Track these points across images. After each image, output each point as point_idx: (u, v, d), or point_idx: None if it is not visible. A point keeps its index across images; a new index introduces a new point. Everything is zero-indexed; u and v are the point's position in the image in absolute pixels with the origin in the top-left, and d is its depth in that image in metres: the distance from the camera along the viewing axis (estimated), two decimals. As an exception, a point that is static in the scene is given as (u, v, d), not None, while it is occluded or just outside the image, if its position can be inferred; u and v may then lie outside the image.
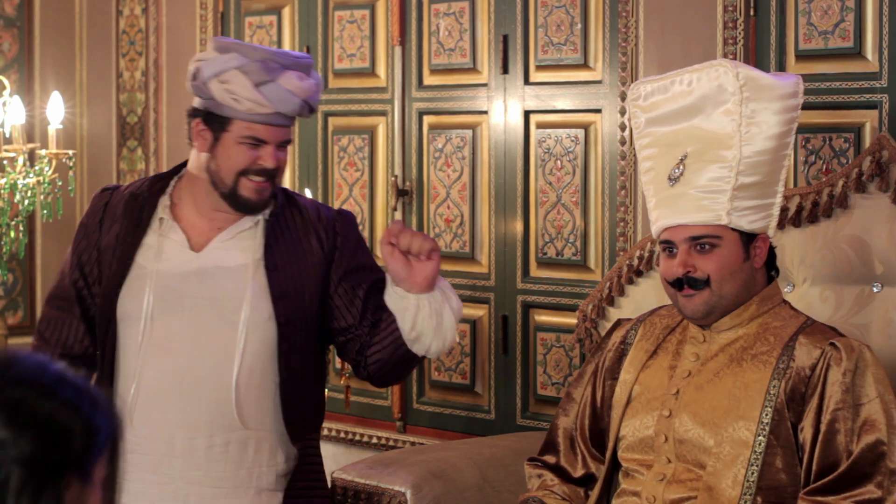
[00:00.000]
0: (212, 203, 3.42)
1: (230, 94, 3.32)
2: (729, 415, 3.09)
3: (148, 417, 3.36)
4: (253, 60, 3.33)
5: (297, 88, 3.34)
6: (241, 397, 3.35)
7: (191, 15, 5.63)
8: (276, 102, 3.33)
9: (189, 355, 3.35)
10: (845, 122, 3.96)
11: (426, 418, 4.96)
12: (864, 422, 3.01)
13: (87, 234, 3.52)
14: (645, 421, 3.21)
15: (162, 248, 3.43)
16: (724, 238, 3.15)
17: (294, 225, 3.46)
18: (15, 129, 5.00)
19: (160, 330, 3.37)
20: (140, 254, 3.43)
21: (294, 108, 3.35)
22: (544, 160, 4.64)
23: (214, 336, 3.35)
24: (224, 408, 3.35)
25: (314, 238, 3.45)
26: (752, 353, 3.14)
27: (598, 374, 3.38)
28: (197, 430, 3.35)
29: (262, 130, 3.35)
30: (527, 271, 4.70)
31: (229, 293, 3.37)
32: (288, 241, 3.43)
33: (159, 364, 3.36)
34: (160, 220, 3.44)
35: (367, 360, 3.42)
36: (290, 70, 3.35)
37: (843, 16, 3.95)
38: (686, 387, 3.18)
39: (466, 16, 4.82)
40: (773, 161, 3.18)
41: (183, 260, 3.41)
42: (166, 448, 3.36)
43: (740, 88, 3.15)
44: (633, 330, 3.37)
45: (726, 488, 3.07)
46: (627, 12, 4.37)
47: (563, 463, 3.37)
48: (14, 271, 5.86)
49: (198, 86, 3.37)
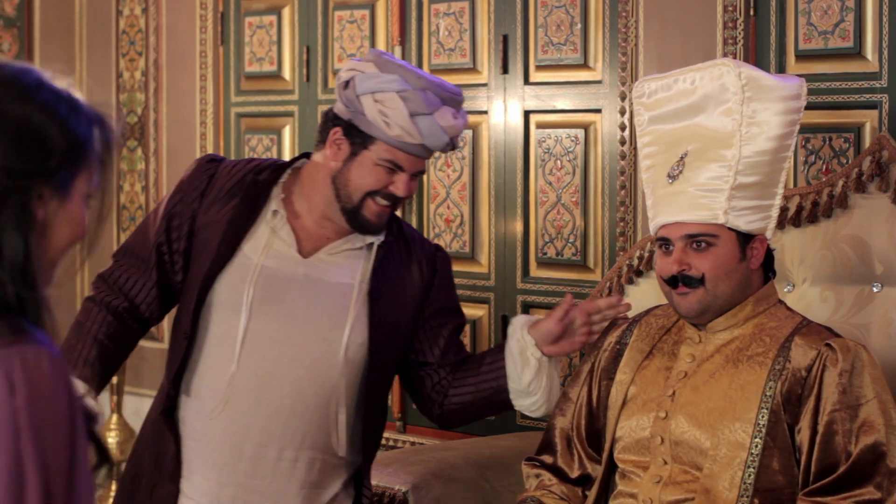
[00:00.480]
0: (327, 211, 3.31)
1: (382, 116, 3.21)
2: (725, 416, 3.09)
3: (225, 415, 3.27)
4: (414, 88, 3.22)
5: (449, 127, 3.25)
6: (320, 417, 3.29)
7: (191, 15, 5.63)
8: (427, 136, 3.22)
9: (276, 362, 3.26)
10: (845, 122, 3.96)
11: (426, 418, 4.95)
12: (863, 423, 3.01)
13: (185, 200, 3.37)
14: (641, 422, 3.21)
15: (271, 244, 3.31)
16: (721, 237, 3.15)
17: (401, 255, 3.38)
18: (15, 128, 5.00)
19: (253, 329, 3.26)
20: (247, 243, 3.32)
21: (440, 145, 3.26)
22: (544, 160, 4.64)
23: (304, 349, 3.26)
24: (300, 424, 3.27)
25: (416, 270, 3.38)
26: (747, 354, 3.14)
27: (594, 374, 3.37)
28: (270, 440, 3.26)
29: (404, 158, 3.24)
30: (527, 271, 4.70)
31: (329, 310, 3.28)
32: (393, 271, 3.35)
33: (246, 364, 3.26)
34: (273, 211, 3.33)
35: (446, 398, 3.40)
36: (447, 105, 3.26)
37: (842, 16, 3.95)
38: (682, 388, 3.17)
39: (466, 16, 4.82)
40: (772, 162, 3.17)
41: (289, 262, 3.30)
42: (236, 451, 3.27)
43: (742, 88, 3.15)
44: (629, 330, 3.36)
45: (723, 490, 3.06)
46: (627, 12, 4.37)
47: (561, 463, 3.37)
48: (14, 271, 5.86)
49: (348, 96, 3.25)
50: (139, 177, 5.83)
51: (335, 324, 3.27)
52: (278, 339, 3.26)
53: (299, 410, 3.26)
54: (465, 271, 4.84)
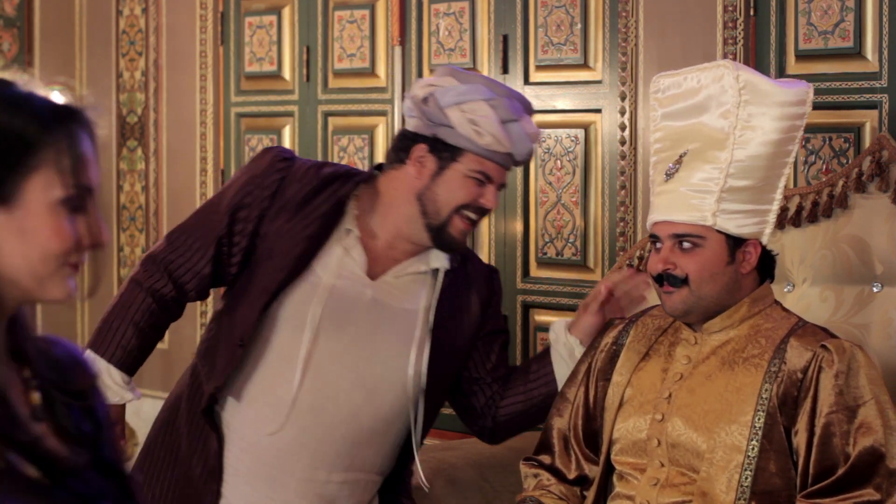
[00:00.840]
0: (405, 230, 3.29)
1: (473, 126, 3.20)
2: (721, 419, 3.08)
3: (283, 432, 3.25)
4: (500, 96, 3.23)
5: (533, 133, 3.27)
6: (374, 442, 3.30)
7: (191, 15, 5.63)
8: (515, 143, 3.23)
9: (337, 385, 3.24)
10: (845, 122, 3.96)
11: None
12: (861, 424, 3.00)
13: (254, 196, 3.30)
14: (637, 424, 3.20)
15: (343, 264, 3.28)
16: (708, 239, 3.13)
17: (462, 279, 3.37)
18: (15, 128, 5.00)
19: (317, 350, 3.24)
20: (319, 260, 3.27)
21: (525, 152, 3.27)
22: (544, 160, 4.64)
23: (366, 374, 3.25)
24: (353, 449, 3.26)
25: (475, 294, 3.38)
26: (743, 355, 3.13)
27: (591, 375, 3.37)
28: (322, 463, 3.25)
29: (493, 168, 3.24)
30: (527, 271, 4.70)
31: (393, 336, 3.27)
32: (455, 297, 3.34)
33: (308, 384, 3.24)
34: (347, 230, 3.29)
35: (498, 410, 3.42)
36: (527, 114, 3.28)
37: (842, 16, 3.95)
38: (678, 390, 3.17)
39: (466, 16, 4.82)
40: (768, 167, 3.16)
41: (358, 284, 3.27)
42: (288, 469, 3.25)
43: (739, 91, 3.14)
44: (625, 331, 3.36)
45: (720, 493, 3.06)
46: (627, 12, 4.37)
47: (558, 464, 3.37)
48: (14, 271, 5.86)
49: (430, 111, 3.23)
50: (139, 177, 5.84)
51: (397, 352, 3.26)
52: (341, 361, 3.24)
53: (353, 435, 3.25)
54: (465, 271, 4.84)
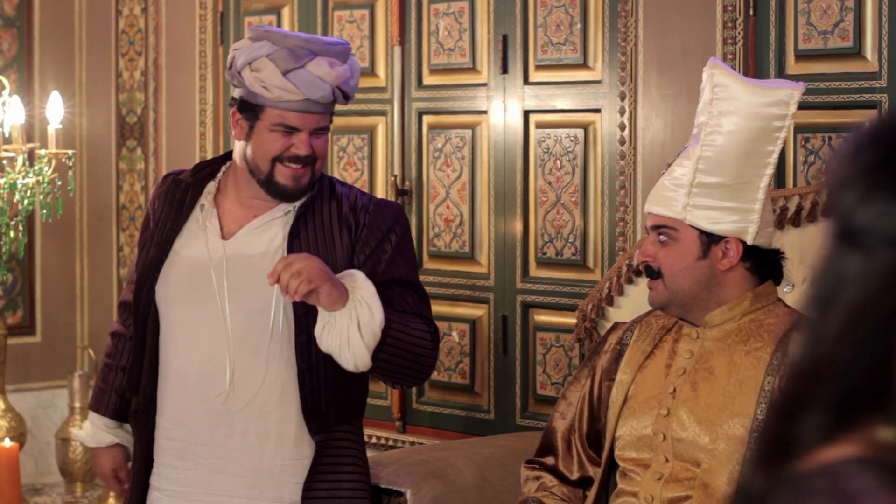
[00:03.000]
0: (251, 191, 3.44)
1: (260, 82, 3.34)
2: (724, 412, 3.10)
3: (174, 404, 3.40)
4: (282, 47, 3.34)
5: (326, 74, 3.35)
6: (261, 388, 3.36)
7: (190, 15, 5.63)
8: (305, 89, 3.33)
9: (209, 344, 3.37)
10: (845, 122, 3.97)
11: (426, 418, 4.96)
12: None
13: (145, 224, 3.58)
14: (643, 420, 3.22)
15: (196, 236, 3.45)
16: (680, 231, 3.18)
17: (327, 215, 3.44)
18: (14, 128, 5.00)
19: (185, 318, 3.39)
20: (178, 240, 3.45)
21: (325, 95, 3.36)
22: (544, 160, 4.64)
23: (234, 325, 3.36)
24: (243, 398, 3.36)
25: (345, 230, 3.44)
26: (745, 349, 3.16)
27: (596, 376, 3.38)
28: (217, 419, 3.37)
29: (294, 118, 3.36)
30: (526, 271, 4.70)
31: (250, 282, 3.37)
32: (317, 232, 3.42)
33: (183, 352, 3.39)
34: (201, 206, 3.46)
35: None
36: (321, 56, 3.36)
37: (842, 16, 3.95)
38: (682, 384, 3.19)
39: (466, 16, 4.82)
40: (742, 166, 3.18)
41: (212, 248, 3.42)
42: (189, 435, 3.39)
43: (713, 89, 3.21)
44: (630, 331, 3.38)
45: (722, 486, 3.08)
46: (627, 12, 4.37)
47: (561, 466, 3.38)
48: (13, 271, 5.85)
49: (233, 74, 3.43)
50: (139, 177, 5.83)
51: (256, 294, 3.35)
52: (206, 323, 3.37)
53: (236, 385, 3.35)
54: (464, 271, 4.84)
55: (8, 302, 5.88)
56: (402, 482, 3.80)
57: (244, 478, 3.38)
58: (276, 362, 3.37)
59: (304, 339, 3.35)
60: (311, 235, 3.41)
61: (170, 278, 3.44)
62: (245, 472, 3.38)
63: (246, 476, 3.38)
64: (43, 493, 5.61)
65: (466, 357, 4.85)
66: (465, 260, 4.84)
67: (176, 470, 3.43)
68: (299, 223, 3.41)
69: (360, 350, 3.23)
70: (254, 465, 3.38)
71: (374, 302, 3.24)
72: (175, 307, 3.42)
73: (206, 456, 3.39)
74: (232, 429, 3.37)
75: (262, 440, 3.38)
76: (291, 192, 3.40)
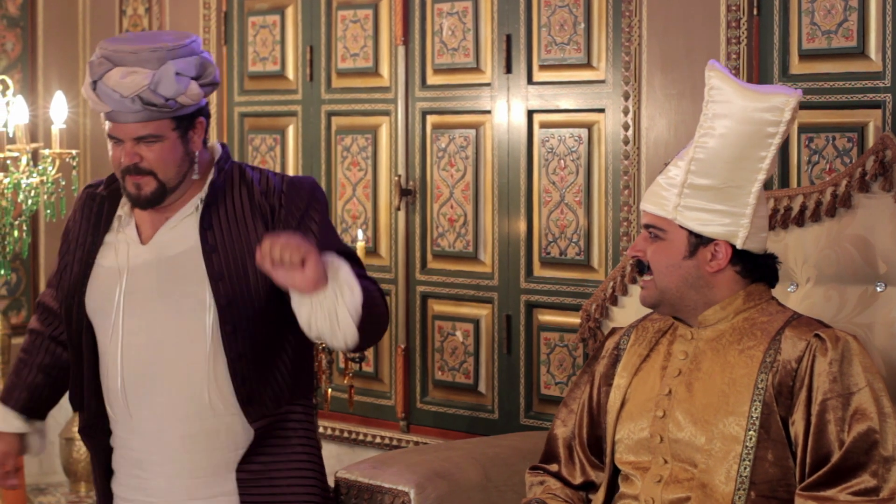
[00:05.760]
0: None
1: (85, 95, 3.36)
2: (719, 411, 3.11)
3: (127, 414, 3.41)
4: (96, 58, 3.33)
5: (117, 85, 3.28)
6: (201, 385, 3.36)
7: (194, 15, 5.63)
8: (107, 100, 3.30)
9: (147, 349, 3.37)
10: (849, 122, 3.96)
11: (430, 418, 4.96)
12: (855, 411, 3.03)
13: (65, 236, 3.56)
14: (640, 423, 3.23)
15: (118, 245, 3.43)
16: (668, 231, 3.21)
17: (237, 204, 3.41)
18: (18, 128, 5.01)
19: (126, 327, 3.39)
20: (101, 253, 3.44)
21: (119, 105, 3.29)
22: (547, 160, 4.64)
23: (167, 327, 3.36)
24: (187, 397, 3.36)
25: (259, 214, 3.40)
26: (738, 347, 3.17)
27: (595, 382, 3.39)
28: (167, 423, 3.37)
29: (114, 128, 3.33)
30: (530, 271, 4.70)
31: (174, 282, 3.37)
32: (229, 220, 3.40)
33: (126, 361, 3.39)
34: (118, 217, 3.45)
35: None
36: (118, 67, 3.30)
37: (846, 15, 3.95)
38: (678, 386, 3.20)
39: (470, 15, 4.82)
40: (733, 170, 3.19)
41: (133, 254, 3.41)
42: (144, 443, 3.40)
43: (709, 91, 3.23)
44: (626, 336, 3.40)
45: (720, 484, 3.08)
46: (630, 12, 4.37)
47: (564, 472, 3.40)
48: (17, 271, 5.86)
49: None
50: (142, 176, 5.84)
51: (182, 293, 3.35)
52: (141, 329, 3.37)
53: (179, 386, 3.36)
54: (468, 271, 4.84)
55: (11, 302, 5.88)
56: (405, 482, 3.80)
57: (201, 477, 3.39)
58: (213, 357, 3.36)
59: (229, 330, 3.35)
60: (224, 223, 3.39)
61: (100, 289, 3.42)
62: (201, 471, 3.39)
63: (203, 475, 3.39)
64: (47, 493, 5.62)
65: (470, 357, 4.85)
66: (468, 260, 4.84)
67: (138, 479, 3.44)
68: (209, 213, 3.38)
69: (349, 328, 3.23)
70: (208, 463, 3.39)
71: (352, 279, 3.24)
72: (104, 318, 3.40)
73: (163, 462, 3.40)
74: (184, 430, 3.37)
75: (213, 436, 3.39)
76: (138, 202, 3.36)
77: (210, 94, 3.43)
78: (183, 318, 3.36)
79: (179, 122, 3.35)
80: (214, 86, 3.40)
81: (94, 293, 3.44)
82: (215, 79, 3.39)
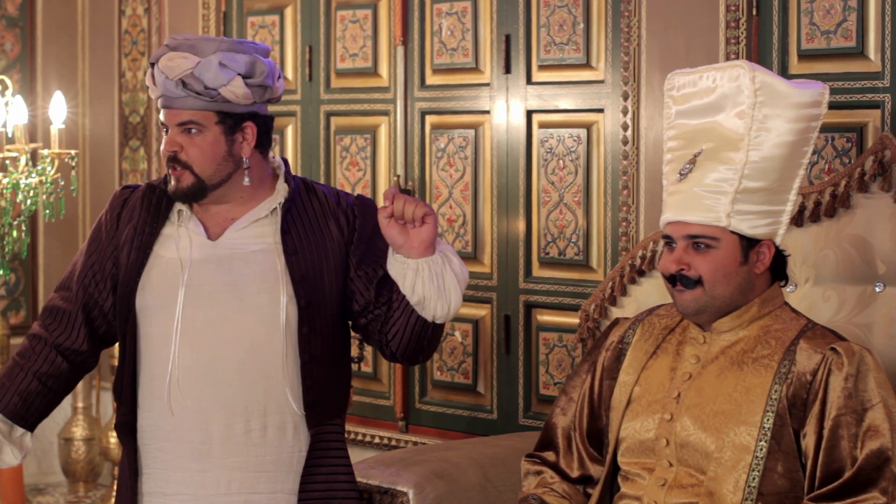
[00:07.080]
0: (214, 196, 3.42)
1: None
2: (730, 419, 3.09)
3: (185, 406, 3.37)
4: (162, 46, 3.40)
5: (164, 67, 3.33)
6: (272, 381, 3.36)
7: (193, 15, 5.63)
8: (159, 84, 3.35)
9: (216, 343, 3.36)
10: (848, 122, 3.96)
11: (429, 418, 4.96)
12: (868, 427, 3.01)
13: (104, 231, 3.52)
14: (646, 424, 3.21)
15: (180, 239, 3.42)
16: (722, 240, 3.14)
17: (311, 211, 3.45)
18: (17, 128, 5.01)
19: (186, 319, 3.37)
20: (159, 244, 3.43)
21: (170, 90, 3.34)
22: (546, 160, 4.64)
23: (239, 322, 3.36)
24: (257, 392, 3.36)
25: (333, 223, 3.44)
26: (752, 356, 3.14)
27: (596, 373, 3.37)
28: (233, 417, 3.36)
29: (165, 114, 3.38)
30: (529, 271, 4.70)
31: (248, 278, 3.37)
32: (306, 227, 3.43)
33: (190, 353, 3.36)
34: (178, 211, 3.44)
35: (387, 338, 3.38)
36: (172, 51, 3.37)
37: (845, 15, 3.95)
38: (687, 390, 3.17)
39: (469, 15, 4.82)
40: (783, 168, 3.17)
41: (201, 249, 3.40)
42: (204, 436, 3.37)
43: (755, 92, 3.14)
44: (632, 329, 3.36)
45: (727, 493, 3.06)
46: (629, 12, 4.37)
47: (562, 464, 3.37)
48: (16, 271, 5.86)
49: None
50: (142, 177, 5.84)
51: (257, 290, 3.35)
52: (210, 322, 3.36)
53: (249, 381, 3.35)
54: (467, 271, 4.84)
55: (10, 302, 5.88)
56: (404, 482, 3.80)
57: (265, 472, 3.39)
58: (283, 355, 3.37)
59: (305, 331, 3.37)
60: (301, 229, 3.42)
61: (160, 281, 3.41)
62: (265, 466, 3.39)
63: (267, 470, 3.39)
64: (46, 493, 5.62)
65: (469, 357, 4.85)
66: (468, 260, 4.84)
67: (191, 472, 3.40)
68: (287, 218, 3.42)
69: (455, 292, 3.28)
70: (273, 459, 3.39)
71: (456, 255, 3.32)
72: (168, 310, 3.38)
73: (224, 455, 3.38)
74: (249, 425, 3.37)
75: (281, 433, 3.39)
76: (174, 193, 3.40)
77: (265, 99, 3.42)
78: (257, 316, 3.37)
79: (224, 119, 3.37)
80: (265, 89, 3.42)
81: (152, 282, 3.42)
82: (266, 82, 3.41)
